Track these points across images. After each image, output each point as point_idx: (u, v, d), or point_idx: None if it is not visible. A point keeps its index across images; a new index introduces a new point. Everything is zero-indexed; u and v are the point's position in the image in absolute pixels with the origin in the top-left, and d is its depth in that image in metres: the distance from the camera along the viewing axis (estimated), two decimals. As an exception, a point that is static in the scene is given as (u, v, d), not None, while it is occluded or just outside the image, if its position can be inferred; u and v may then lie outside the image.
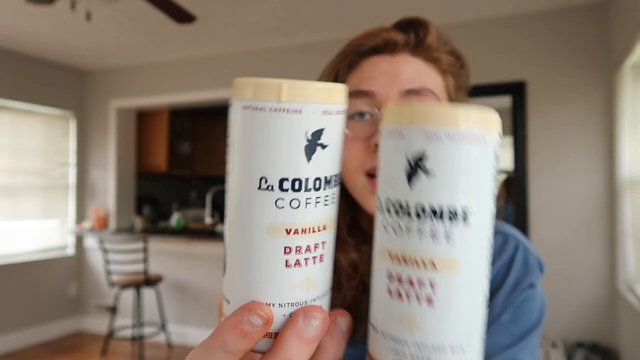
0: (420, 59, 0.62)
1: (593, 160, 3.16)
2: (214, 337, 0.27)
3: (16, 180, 4.30)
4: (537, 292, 0.63)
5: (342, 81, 0.65)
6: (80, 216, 4.82)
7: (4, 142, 4.22)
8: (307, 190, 0.25)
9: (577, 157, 3.19)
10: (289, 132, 0.25)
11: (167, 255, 4.40)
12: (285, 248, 0.25)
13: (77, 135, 4.82)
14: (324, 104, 0.25)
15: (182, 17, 2.75)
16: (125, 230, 4.56)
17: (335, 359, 0.28)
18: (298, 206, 0.25)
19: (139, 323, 4.01)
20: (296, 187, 0.25)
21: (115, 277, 3.99)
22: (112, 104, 4.77)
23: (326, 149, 0.25)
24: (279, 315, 0.26)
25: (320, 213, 0.26)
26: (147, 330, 4.23)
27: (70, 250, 4.75)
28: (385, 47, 0.62)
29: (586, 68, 3.19)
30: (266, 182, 0.25)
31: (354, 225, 0.66)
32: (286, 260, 0.26)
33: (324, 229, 0.26)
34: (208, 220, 4.75)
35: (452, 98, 0.64)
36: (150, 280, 3.93)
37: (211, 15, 3.42)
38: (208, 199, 4.77)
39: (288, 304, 0.26)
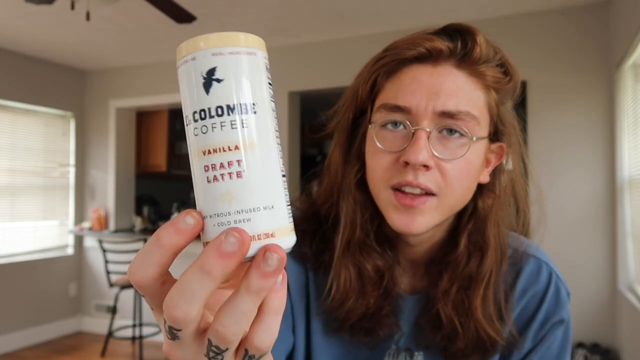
0: (464, 72, 0.59)
1: (593, 160, 3.16)
2: (153, 238, 0.32)
3: (16, 180, 4.29)
4: (566, 327, 0.66)
5: (380, 88, 0.62)
6: (80, 216, 4.82)
7: (4, 142, 4.22)
8: (210, 117, 0.32)
9: (577, 157, 3.19)
10: (190, 76, 0.33)
11: (167, 255, 4.39)
12: (204, 167, 0.32)
13: (77, 135, 4.82)
14: (213, 48, 0.32)
15: (182, 17, 2.74)
16: (125, 230, 4.56)
17: (256, 293, 0.30)
18: (206, 131, 0.32)
19: (139, 323, 4.01)
20: (202, 116, 0.32)
21: (115, 277, 3.98)
22: (112, 104, 4.76)
23: (222, 82, 0.32)
24: (209, 226, 0.32)
25: (227, 135, 0.32)
26: (147, 330, 4.22)
27: (70, 251, 4.75)
28: (428, 57, 0.59)
29: (586, 68, 3.19)
30: (187, 118, 0.33)
31: (380, 233, 0.66)
32: (207, 177, 0.32)
33: (236, 148, 0.31)
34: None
35: (493, 114, 0.61)
36: (150, 281, 3.92)
37: (211, 15, 3.41)
38: (208, 199, 4.76)
39: (215, 214, 0.32)
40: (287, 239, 0.32)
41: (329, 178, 0.70)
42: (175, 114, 5.41)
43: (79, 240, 4.80)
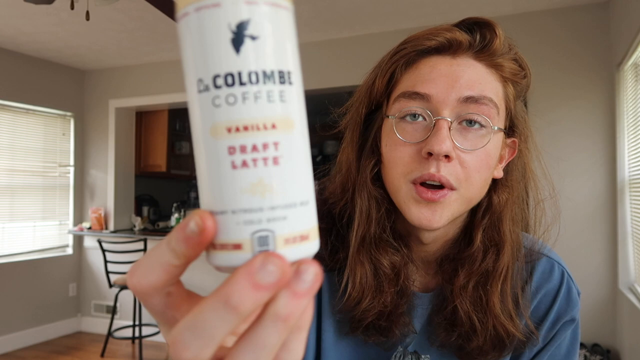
0: (483, 64, 0.59)
1: (593, 160, 3.16)
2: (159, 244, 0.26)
3: (15, 180, 4.29)
4: (575, 326, 0.67)
5: (397, 79, 0.62)
6: (80, 216, 4.81)
7: (4, 142, 4.22)
8: (242, 84, 0.24)
9: (577, 157, 3.19)
10: (210, 27, 0.24)
11: (166, 256, 4.38)
12: (228, 148, 0.24)
13: (77, 135, 4.82)
14: None
15: (182, 16, 2.74)
16: (125, 230, 4.55)
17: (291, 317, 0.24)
18: (235, 102, 0.24)
19: (138, 323, 4.01)
20: (229, 82, 0.24)
21: (114, 278, 3.98)
22: (112, 104, 4.76)
23: (257, 40, 0.24)
24: (232, 224, 0.25)
25: (263, 109, 0.24)
26: (146, 330, 4.22)
27: (70, 251, 4.74)
28: (448, 48, 0.59)
29: (586, 68, 3.19)
30: (202, 82, 0.25)
31: (394, 230, 0.65)
32: (232, 162, 0.24)
33: (273, 127, 0.25)
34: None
35: (510, 108, 0.61)
36: (150, 281, 3.92)
37: (211, 15, 3.41)
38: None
39: (239, 210, 0.24)
40: (317, 242, 0.26)
41: (341, 176, 0.68)
42: (175, 114, 5.41)
43: (78, 240, 4.80)
